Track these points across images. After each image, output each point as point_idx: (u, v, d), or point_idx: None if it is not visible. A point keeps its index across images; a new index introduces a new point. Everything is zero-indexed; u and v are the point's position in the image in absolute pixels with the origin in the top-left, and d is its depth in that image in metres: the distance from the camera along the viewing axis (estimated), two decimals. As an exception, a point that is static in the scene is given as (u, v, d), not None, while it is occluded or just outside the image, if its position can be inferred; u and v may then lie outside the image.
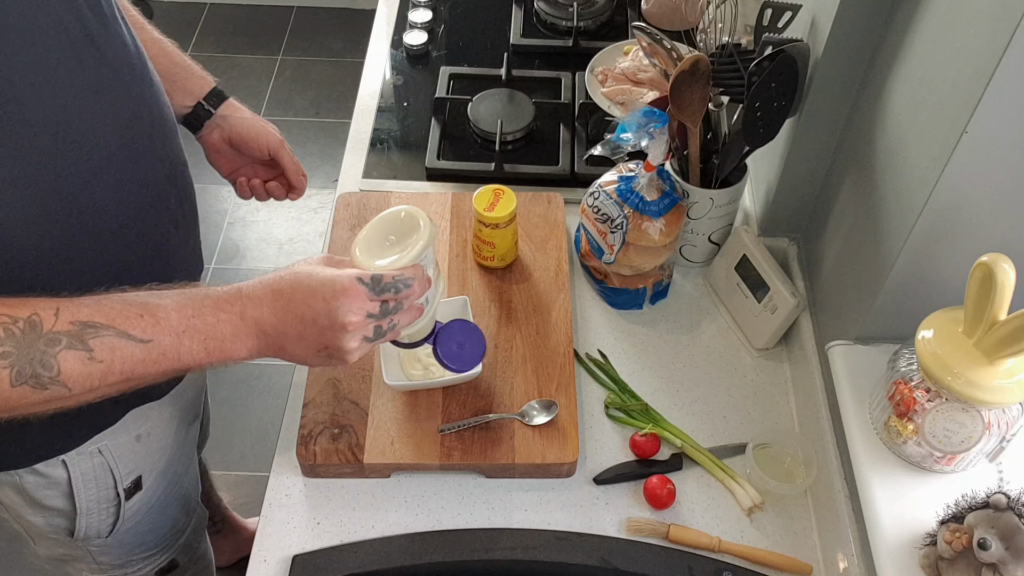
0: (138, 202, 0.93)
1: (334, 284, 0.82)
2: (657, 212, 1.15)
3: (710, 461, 1.09)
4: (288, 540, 1.03)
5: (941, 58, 0.86)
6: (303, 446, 1.06)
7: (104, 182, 0.87)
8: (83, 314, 0.76)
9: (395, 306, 0.86)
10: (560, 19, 1.65)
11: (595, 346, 1.21)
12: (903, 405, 0.89)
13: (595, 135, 1.45)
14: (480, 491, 1.07)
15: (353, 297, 0.83)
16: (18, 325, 0.73)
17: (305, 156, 2.84)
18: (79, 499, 1.06)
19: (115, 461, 1.06)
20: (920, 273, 0.93)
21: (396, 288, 0.85)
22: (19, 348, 0.73)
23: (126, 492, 1.10)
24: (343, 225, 1.29)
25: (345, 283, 0.83)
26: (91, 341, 0.75)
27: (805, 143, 1.15)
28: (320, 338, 0.83)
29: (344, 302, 0.82)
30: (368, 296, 0.84)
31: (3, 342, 0.72)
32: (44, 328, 0.74)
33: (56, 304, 0.76)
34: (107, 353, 0.76)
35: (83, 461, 1.03)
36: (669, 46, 1.18)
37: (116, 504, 1.10)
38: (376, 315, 0.85)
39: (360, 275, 0.84)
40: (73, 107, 0.82)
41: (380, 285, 0.84)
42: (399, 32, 1.65)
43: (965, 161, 0.81)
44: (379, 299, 0.85)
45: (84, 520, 1.09)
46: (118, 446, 1.06)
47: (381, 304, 0.85)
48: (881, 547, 0.88)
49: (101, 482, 1.07)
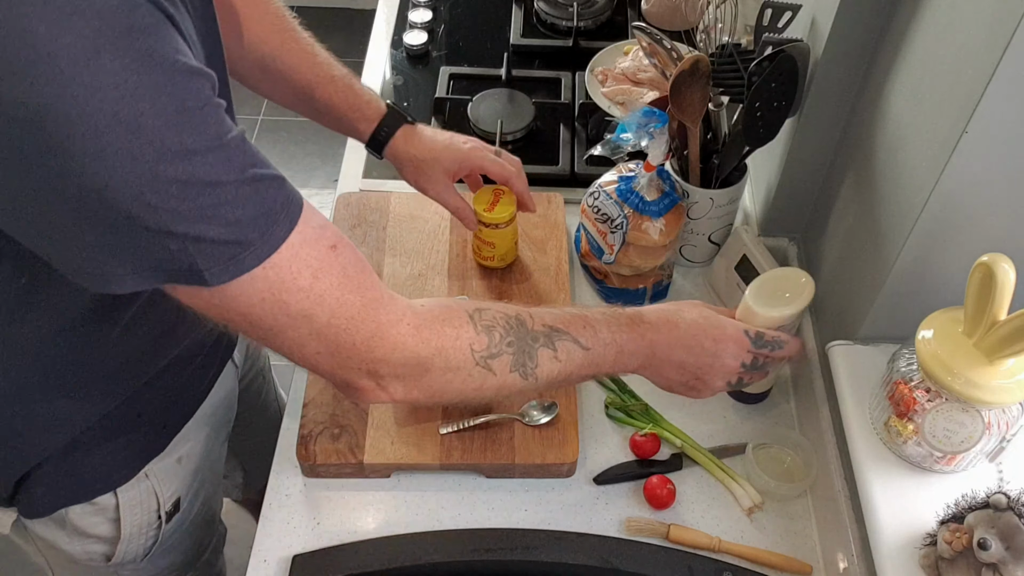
0: None
1: (725, 329, 0.94)
2: (657, 212, 1.15)
3: (710, 461, 1.09)
4: (288, 540, 1.03)
5: (941, 58, 0.86)
6: (303, 446, 1.06)
7: None
8: (547, 320, 0.85)
9: (764, 363, 0.96)
10: (560, 19, 1.65)
11: (595, 346, 1.21)
12: (903, 405, 0.89)
13: (595, 135, 1.45)
14: (480, 491, 1.07)
15: (739, 345, 0.94)
16: (512, 321, 0.83)
17: (305, 156, 2.84)
18: (124, 525, 1.05)
19: (159, 484, 1.06)
20: (920, 273, 0.93)
21: (772, 347, 0.96)
22: (519, 338, 0.82)
23: (167, 515, 1.09)
24: (343, 225, 1.29)
25: (733, 331, 0.94)
26: (557, 343, 0.85)
27: (805, 143, 1.15)
28: (696, 370, 0.93)
29: (731, 347, 0.93)
30: (749, 348, 0.94)
31: (509, 331, 0.82)
32: (529, 327, 0.84)
33: (526, 309, 0.85)
34: (566, 355, 0.85)
35: (131, 487, 1.03)
36: (669, 46, 1.18)
37: (157, 527, 1.09)
38: (748, 366, 0.95)
39: (748, 329, 0.95)
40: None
41: (761, 341, 0.95)
42: (399, 32, 1.65)
43: (965, 161, 0.81)
44: (756, 352, 0.95)
45: (124, 546, 1.08)
46: (162, 469, 1.05)
47: (754, 358, 0.95)
48: (881, 547, 0.88)
49: (146, 506, 1.06)
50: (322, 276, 0.70)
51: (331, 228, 0.73)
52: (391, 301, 0.77)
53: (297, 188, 0.73)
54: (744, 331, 0.94)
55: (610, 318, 0.89)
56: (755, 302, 1.01)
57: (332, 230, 0.73)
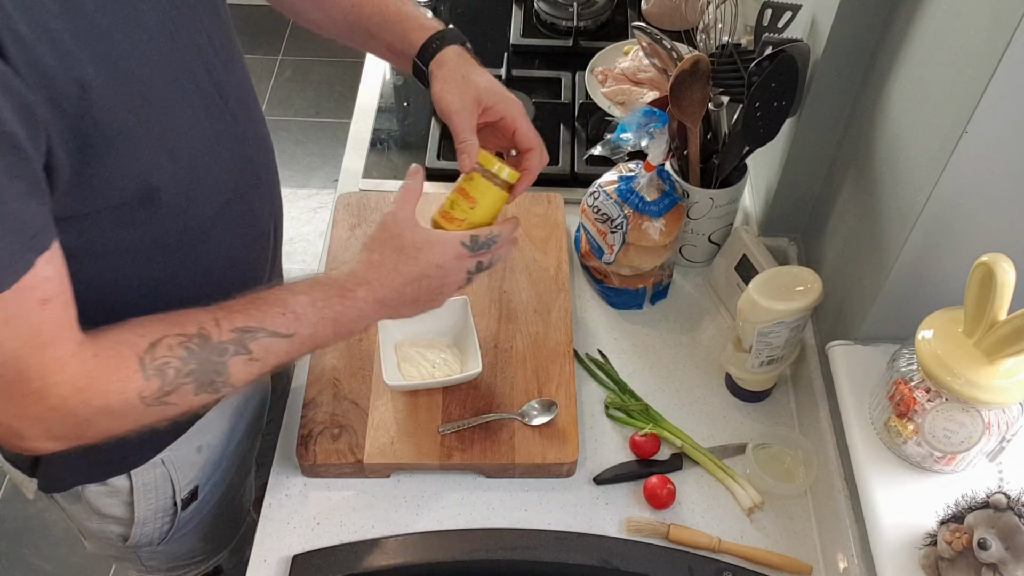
0: (247, 242, 0.99)
1: (444, 249, 0.91)
2: (657, 212, 1.15)
3: (710, 461, 1.09)
4: (288, 540, 1.03)
5: (941, 58, 0.86)
6: (303, 446, 1.06)
7: (220, 227, 0.92)
8: (238, 320, 0.82)
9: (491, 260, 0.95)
10: (560, 19, 1.65)
11: (595, 346, 1.21)
12: (903, 405, 0.89)
13: (595, 135, 1.45)
14: (480, 491, 1.07)
15: (460, 259, 0.92)
16: (193, 342, 0.79)
17: (305, 156, 2.84)
18: (138, 509, 1.07)
19: (176, 472, 1.07)
20: (920, 273, 0.93)
21: (489, 244, 0.94)
22: (200, 363, 0.79)
23: (183, 502, 1.10)
24: (343, 225, 1.29)
25: (452, 249, 0.92)
26: (250, 344, 0.82)
27: (805, 143, 1.15)
28: (429, 295, 0.93)
29: (453, 263, 0.92)
30: (468, 255, 0.93)
31: (187, 361, 0.78)
32: (213, 339, 0.80)
33: (212, 315, 0.81)
34: (263, 352, 0.83)
35: (146, 472, 1.04)
36: (669, 46, 1.18)
37: (172, 513, 1.11)
38: (472, 271, 0.94)
39: (461, 239, 0.92)
40: (202, 161, 0.85)
41: (477, 243, 0.93)
42: (399, 32, 1.64)
43: (965, 161, 0.81)
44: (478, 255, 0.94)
45: (139, 528, 1.09)
46: (180, 457, 1.06)
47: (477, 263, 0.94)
48: (881, 547, 0.88)
49: (161, 492, 1.07)
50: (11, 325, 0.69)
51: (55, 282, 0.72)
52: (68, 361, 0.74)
53: (297, 188, 0.73)
54: (460, 242, 0.92)
55: (319, 295, 0.87)
56: (760, 295, 1.01)
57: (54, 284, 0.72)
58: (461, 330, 1.14)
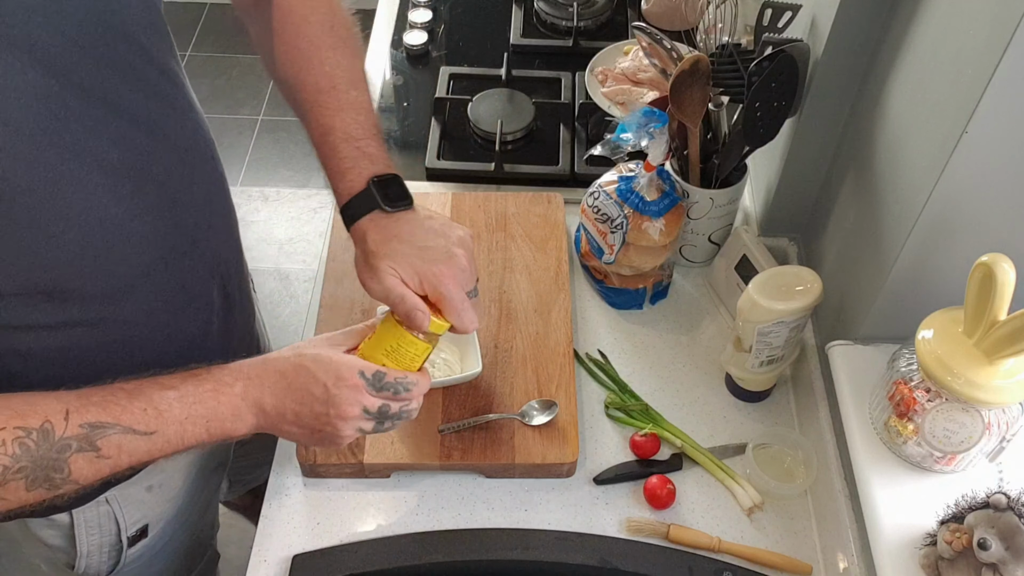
0: (174, 307, 0.92)
1: (338, 371, 0.83)
2: (657, 212, 1.15)
3: (710, 461, 1.09)
4: (288, 540, 1.03)
5: (941, 58, 0.86)
6: (303, 446, 1.06)
7: (136, 297, 0.87)
8: (91, 414, 0.77)
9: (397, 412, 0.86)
10: (560, 19, 1.65)
11: (595, 346, 1.21)
12: (903, 405, 0.89)
13: (595, 135, 1.45)
14: (480, 491, 1.07)
15: (353, 388, 0.83)
16: (32, 437, 0.74)
17: (305, 156, 2.84)
18: (80, 543, 1.04)
19: (121, 510, 1.04)
20: (920, 273, 0.93)
21: (395, 389, 0.85)
22: (33, 461, 0.74)
23: (130, 540, 1.07)
24: (343, 225, 1.29)
25: (347, 373, 0.83)
26: (99, 441, 0.77)
27: (805, 143, 1.15)
28: (315, 422, 0.84)
29: (344, 392, 0.82)
30: (367, 390, 0.83)
31: (19, 459, 0.73)
32: (56, 435, 0.75)
33: (64, 406, 0.76)
34: (114, 450, 0.78)
35: (88, 509, 1.01)
36: (669, 46, 1.18)
37: (118, 549, 1.08)
38: (374, 413, 0.85)
39: (362, 368, 0.83)
40: (102, 239, 0.80)
41: (380, 382, 0.84)
42: (399, 32, 1.65)
43: (965, 161, 0.81)
44: (378, 396, 0.84)
45: (84, 561, 1.07)
46: (127, 496, 1.04)
47: (380, 405, 0.84)
48: (881, 547, 0.88)
49: (105, 529, 1.05)
50: None
51: None
52: None
53: (297, 188, 0.72)
54: (360, 372, 0.83)
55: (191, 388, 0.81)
56: (760, 295, 1.01)
57: None
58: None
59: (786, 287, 1.03)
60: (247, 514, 1.66)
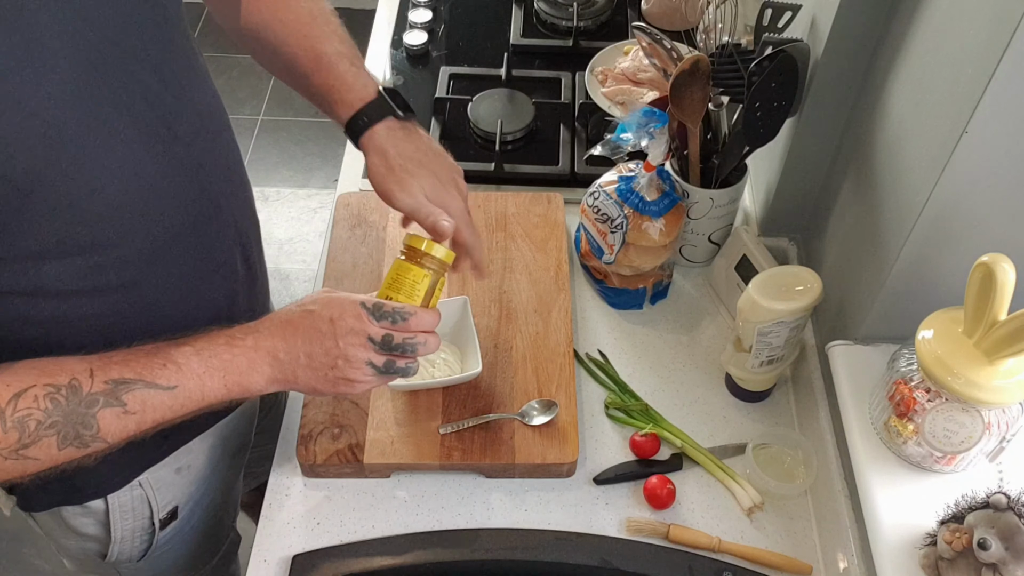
0: (202, 273, 0.94)
1: (341, 306, 0.87)
2: (657, 212, 1.15)
3: (710, 461, 1.09)
4: (288, 540, 1.03)
5: (941, 58, 0.86)
6: (303, 446, 1.06)
7: (168, 260, 0.88)
8: (114, 372, 0.79)
9: (399, 343, 0.88)
10: (560, 19, 1.65)
11: (595, 346, 1.21)
12: (903, 405, 0.89)
13: (595, 135, 1.45)
14: (480, 491, 1.07)
15: (356, 317, 0.86)
16: (61, 393, 0.76)
17: (305, 156, 2.84)
18: (114, 529, 1.06)
19: (154, 493, 1.05)
20: (920, 273, 0.93)
21: (394, 318, 0.87)
22: (64, 416, 0.76)
23: (162, 522, 1.09)
24: (343, 225, 1.29)
25: (348, 306, 0.87)
26: (124, 396, 0.79)
27: (805, 143, 1.15)
28: (326, 358, 0.86)
29: (349, 321, 0.86)
30: (368, 318, 0.86)
31: (51, 413, 0.75)
32: (84, 391, 0.77)
33: (88, 365, 0.78)
34: (139, 404, 0.80)
35: (122, 493, 1.03)
36: (669, 46, 1.18)
37: (151, 532, 1.09)
38: (380, 343, 0.87)
39: (363, 300, 0.87)
40: (139, 197, 0.82)
41: (380, 311, 0.87)
42: (399, 32, 1.65)
43: (965, 161, 0.81)
44: (381, 327, 0.87)
45: (117, 547, 1.08)
46: (158, 479, 1.05)
47: (384, 334, 0.87)
48: (881, 547, 0.88)
49: (138, 513, 1.06)
50: None
51: None
52: None
53: (297, 188, 0.73)
54: (361, 303, 0.87)
55: (206, 344, 0.84)
56: (760, 295, 1.01)
57: None
58: (461, 330, 1.14)
59: (786, 287, 1.04)
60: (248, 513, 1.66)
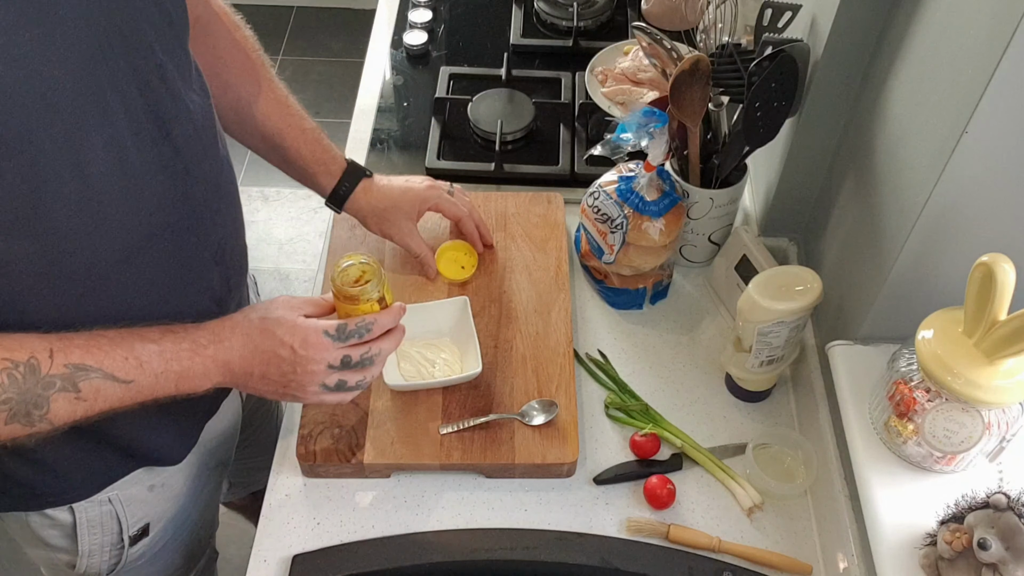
0: (174, 284, 0.92)
1: (304, 335, 0.89)
2: (657, 212, 1.15)
3: (710, 461, 1.09)
4: (288, 540, 1.03)
5: (941, 58, 0.86)
6: (303, 446, 1.06)
7: (139, 263, 0.86)
8: (75, 356, 0.79)
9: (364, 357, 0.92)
10: (560, 19, 1.65)
11: (595, 346, 1.21)
12: (903, 405, 0.89)
13: (595, 135, 1.45)
14: (480, 491, 1.07)
15: (319, 348, 0.89)
16: (19, 370, 0.76)
17: (305, 156, 2.84)
18: (81, 542, 1.05)
19: (124, 510, 1.05)
20: (920, 273, 0.93)
21: (359, 333, 0.91)
22: (19, 393, 0.76)
23: (131, 539, 1.08)
24: (343, 225, 1.29)
25: (313, 337, 0.89)
26: (80, 383, 0.79)
27: (805, 143, 1.15)
28: (281, 378, 0.90)
29: (310, 352, 0.89)
30: (330, 345, 0.90)
31: (6, 389, 0.75)
32: (42, 372, 0.77)
33: (49, 345, 0.78)
34: (92, 393, 0.80)
35: (91, 508, 1.02)
36: (669, 46, 1.18)
37: (120, 548, 1.08)
38: (340, 365, 0.91)
39: (325, 328, 0.90)
40: (118, 185, 0.80)
41: (344, 332, 0.90)
42: (399, 32, 1.65)
43: (965, 161, 0.81)
44: (345, 347, 0.90)
45: (85, 560, 1.07)
46: (129, 496, 1.04)
47: (344, 355, 0.91)
48: (881, 547, 0.88)
49: (107, 528, 1.05)
50: None
51: None
52: None
53: (297, 188, 0.73)
54: (324, 331, 0.89)
55: (170, 346, 0.85)
56: (760, 295, 1.01)
57: None
58: (461, 330, 1.14)
59: (786, 287, 1.04)
60: (247, 514, 1.66)
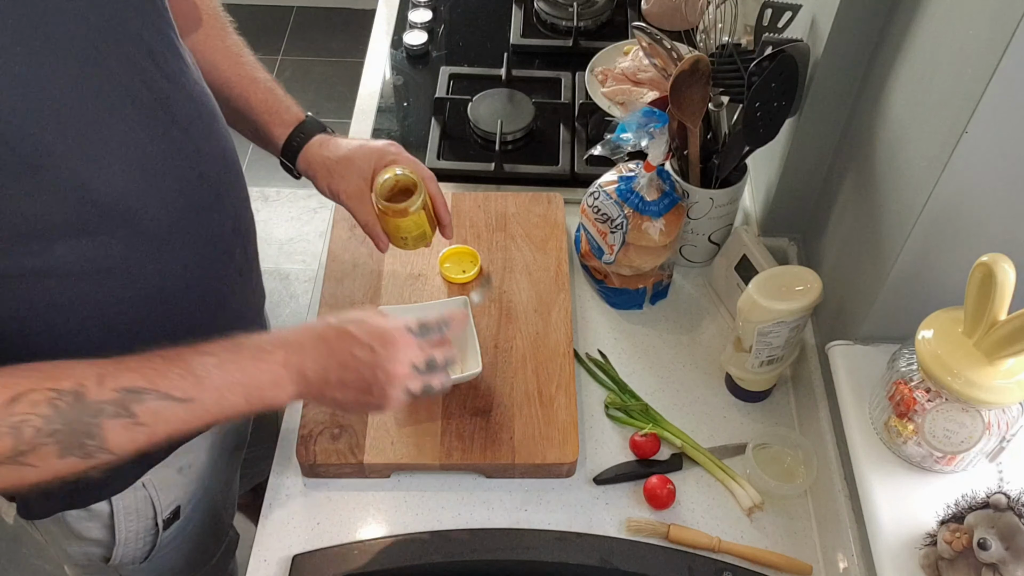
0: (205, 260, 0.92)
1: (383, 333, 0.84)
2: (657, 212, 1.15)
3: (710, 461, 1.09)
4: (288, 540, 1.03)
5: (941, 58, 0.86)
6: (303, 446, 1.06)
7: (172, 246, 0.86)
8: (126, 379, 0.74)
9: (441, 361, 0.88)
10: (560, 19, 1.65)
11: (595, 346, 1.21)
12: (903, 405, 0.89)
13: (595, 135, 1.45)
14: (480, 491, 1.07)
15: (403, 346, 0.84)
16: (64, 399, 0.72)
17: (305, 156, 2.84)
18: (119, 531, 1.05)
19: (157, 493, 1.05)
20: (920, 273, 0.93)
21: (438, 330, 0.88)
22: (66, 424, 0.71)
23: (165, 522, 1.09)
24: (343, 225, 1.29)
25: (392, 332, 0.84)
26: (134, 407, 0.74)
27: (805, 143, 1.15)
28: (361, 385, 0.84)
29: (392, 351, 0.84)
30: (415, 344, 0.86)
31: (51, 420, 0.71)
32: (89, 398, 0.73)
33: (99, 370, 0.74)
34: (150, 416, 0.75)
35: (127, 495, 1.03)
36: (669, 46, 1.18)
37: (154, 533, 1.09)
38: (422, 369, 0.86)
39: (405, 324, 0.85)
40: (144, 178, 0.81)
41: (426, 329, 0.87)
42: (399, 32, 1.65)
43: (965, 161, 0.81)
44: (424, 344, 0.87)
45: (121, 550, 1.08)
46: (161, 479, 1.05)
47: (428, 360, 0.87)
48: (881, 547, 0.88)
49: (142, 514, 1.06)
50: None
51: None
52: None
53: (297, 188, 0.73)
54: (405, 328, 0.85)
55: (231, 355, 0.80)
56: (760, 295, 1.01)
57: None
58: (461, 330, 1.14)
59: (786, 287, 1.04)
60: (247, 513, 1.66)
